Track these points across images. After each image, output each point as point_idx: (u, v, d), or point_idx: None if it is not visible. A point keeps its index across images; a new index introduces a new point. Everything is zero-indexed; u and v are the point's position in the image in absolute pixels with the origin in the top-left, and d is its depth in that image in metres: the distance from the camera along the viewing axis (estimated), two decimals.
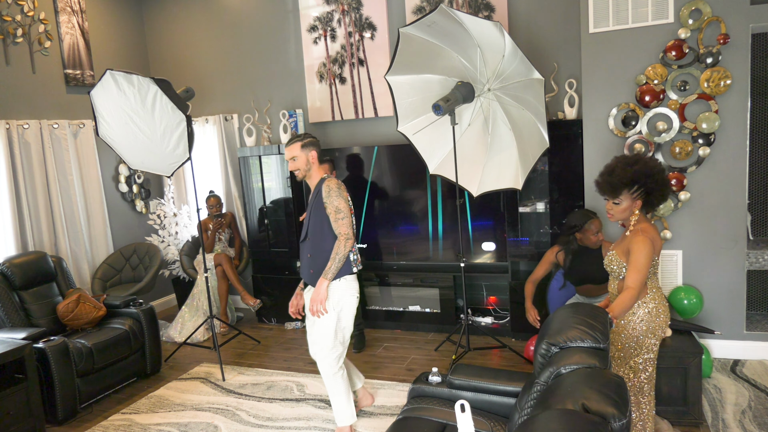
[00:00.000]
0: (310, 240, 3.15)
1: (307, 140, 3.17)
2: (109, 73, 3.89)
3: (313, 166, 3.17)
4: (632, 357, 2.64)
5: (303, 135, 3.18)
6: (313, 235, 3.14)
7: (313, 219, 3.13)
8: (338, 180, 3.16)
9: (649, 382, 2.66)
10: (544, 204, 4.52)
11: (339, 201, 3.05)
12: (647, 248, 2.47)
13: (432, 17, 3.58)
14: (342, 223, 3.04)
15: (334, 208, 3.04)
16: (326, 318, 3.09)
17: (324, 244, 3.09)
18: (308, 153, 3.15)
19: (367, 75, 5.22)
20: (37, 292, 4.22)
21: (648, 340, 2.60)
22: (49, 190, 5.04)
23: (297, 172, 3.18)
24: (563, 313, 2.27)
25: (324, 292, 3.02)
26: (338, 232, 3.04)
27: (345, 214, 3.05)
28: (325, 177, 3.17)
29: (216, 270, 5.40)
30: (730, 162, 3.78)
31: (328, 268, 3.02)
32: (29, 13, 4.90)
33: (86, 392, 3.88)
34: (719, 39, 3.64)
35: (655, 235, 2.56)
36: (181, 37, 6.01)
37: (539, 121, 3.79)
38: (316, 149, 3.18)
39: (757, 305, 4.30)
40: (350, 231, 3.05)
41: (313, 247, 3.14)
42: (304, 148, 3.15)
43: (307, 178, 3.21)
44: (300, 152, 3.15)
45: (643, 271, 2.46)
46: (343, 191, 3.10)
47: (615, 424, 1.52)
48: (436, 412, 2.56)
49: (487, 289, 5.08)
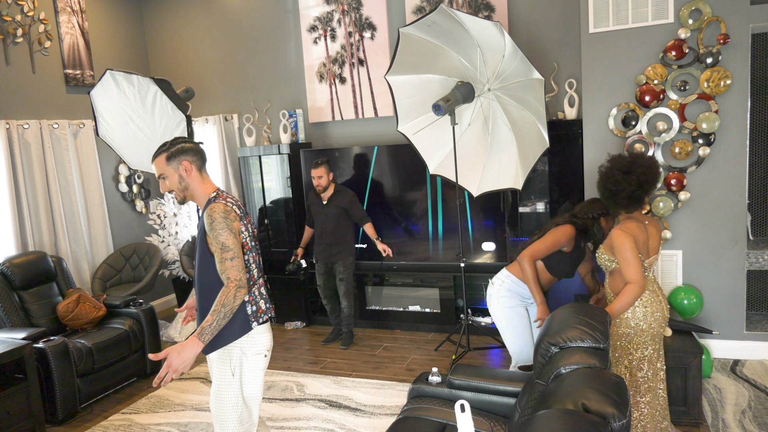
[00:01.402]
0: (197, 287, 2.33)
1: (175, 148, 2.29)
2: (109, 73, 3.89)
3: (191, 181, 2.30)
4: (626, 356, 2.65)
5: (171, 141, 2.33)
6: (200, 281, 2.30)
7: (199, 259, 2.30)
8: (227, 204, 2.25)
9: (647, 381, 2.66)
10: (544, 204, 4.52)
11: (225, 235, 2.17)
12: (626, 241, 2.54)
13: (432, 17, 3.58)
14: (230, 264, 2.16)
15: (219, 244, 2.17)
16: (226, 386, 2.30)
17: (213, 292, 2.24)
18: (179, 165, 2.28)
19: (367, 75, 5.22)
20: (37, 292, 4.22)
21: (638, 338, 2.62)
22: (49, 190, 5.04)
23: (173, 194, 2.34)
24: (563, 313, 2.27)
25: (190, 357, 2.11)
26: (225, 277, 2.17)
27: (235, 253, 2.17)
28: (212, 197, 2.29)
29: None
30: (730, 162, 3.78)
31: (206, 323, 2.12)
32: (29, 13, 4.90)
33: (86, 392, 3.88)
34: (719, 39, 3.64)
35: (637, 231, 2.59)
36: (181, 37, 6.01)
37: (539, 121, 3.79)
38: (189, 157, 2.30)
39: (757, 305, 4.30)
40: (242, 275, 2.17)
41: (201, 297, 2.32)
42: (172, 160, 2.28)
43: (191, 199, 2.34)
44: (168, 167, 2.29)
45: (632, 263, 2.53)
46: (232, 220, 2.21)
47: (615, 424, 1.52)
48: (436, 412, 2.56)
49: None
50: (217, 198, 2.28)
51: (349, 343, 4.75)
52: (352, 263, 4.72)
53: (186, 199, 2.36)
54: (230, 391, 2.30)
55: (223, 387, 2.31)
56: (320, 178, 4.52)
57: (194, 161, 2.32)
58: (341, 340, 4.79)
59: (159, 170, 2.33)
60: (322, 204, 4.64)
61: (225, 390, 2.31)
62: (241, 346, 2.29)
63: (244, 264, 2.25)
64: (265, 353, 2.35)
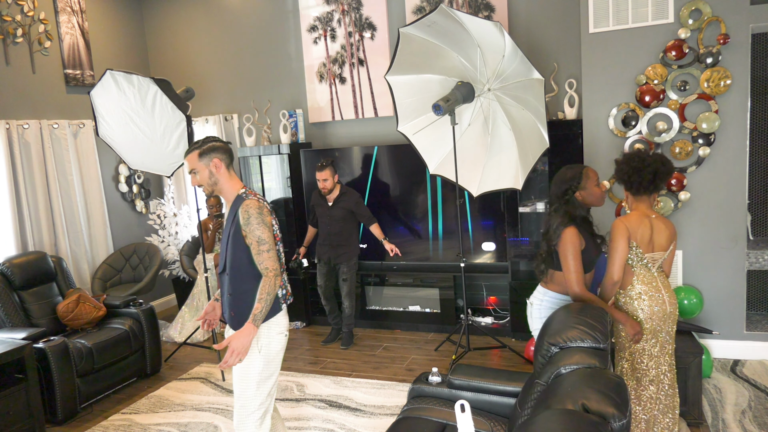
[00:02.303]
0: (228, 275, 2.53)
1: (207, 146, 2.52)
2: (109, 73, 3.89)
3: (220, 177, 2.52)
4: (627, 348, 2.66)
5: (203, 140, 2.55)
6: (232, 269, 2.51)
7: (232, 249, 2.49)
8: (259, 200, 2.49)
9: (648, 375, 2.66)
10: (544, 204, 4.52)
11: (261, 229, 2.42)
12: (617, 233, 2.59)
13: (432, 17, 3.58)
14: (267, 256, 2.42)
15: (255, 238, 2.42)
16: (251, 363, 2.49)
17: (245, 282, 2.49)
18: (210, 162, 2.51)
19: (367, 75, 5.22)
20: (37, 292, 4.22)
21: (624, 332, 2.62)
22: (49, 190, 5.04)
23: (202, 188, 2.55)
24: (563, 313, 2.27)
25: (249, 342, 2.39)
26: (264, 268, 2.43)
27: (270, 245, 2.44)
28: (242, 193, 2.51)
29: (216, 270, 5.40)
30: (730, 162, 3.78)
31: (257, 311, 2.39)
32: (29, 13, 4.90)
33: (86, 392, 3.88)
34: (719, 39, 3.64)
35: (637, 225, 2.60)
36: (181, 37, 6.01)
37: (539, 121, 3.79)
38: (219, 155, 2.52)
39: (757, 305, 4.30)
40: (277, 265, 2.45)
41: (232, 284, 2.52)
42: (203, 157, 2.51)
43: (219, 193, 2.56)
44: (199, 163, 2.51)
45: (613, 257, 2.58)
46: (265, 216, 2.46)
47: (615, 424, 1.52)
48: (436, 412, 2.57)
49: (487, 289, 5.08)
50: (248, 195, 2.49)
51: (350, 343, 4.75)
52: (355, 264, 4.73)
53: (214, 193, 2.56)
54: (255, 367, 2.48)
55: (249, 366, 2.48)
56: (325, 180, 4.50)
57: (223, 159, 2.53)
58: (341, 340, 4.79)
59: (191, 165, 2.53)
60: (327, 205, 4.63)
61: (250, 366, 2.48)
62: (268, 326, 2.49)
63: (277, 254, 2.49)
64: (286, 333, 2.57)
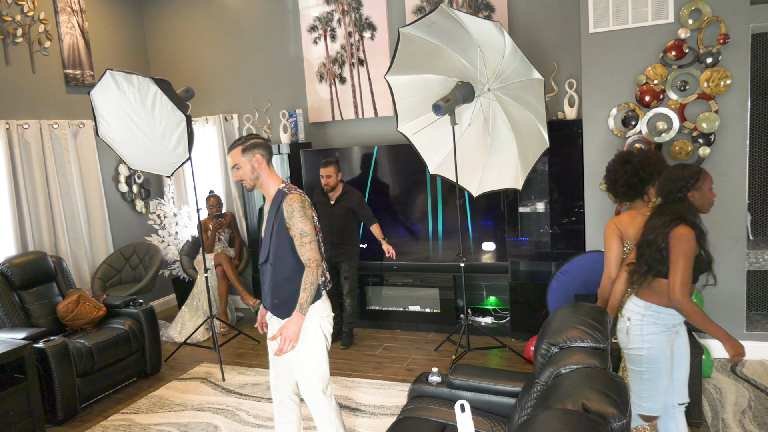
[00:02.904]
0: (271, 265, 2.67)
1: (249, 142, 2.65)
2: (109, 73, 3.89)
3: (261, 172, 2.66)
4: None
5: (245, 137, 2.69)
6: (275, 259, 2.65)
7: (276, 241, 2.63)
8: (301, 194, 2.64)
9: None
10: (544, 204, 4.52)
11: (304, 223, 2.56)
12: (609, 234, 2.65)
13: (432, 17, 3.58)
14: (309, 247, 2.58)
15: (299, 231, 2.56)
16: (312, 344, 2.67)
17: (287, 271, 2.64)
18: (252, 158, 2.63)
19: (367, 75, 5.22)
20: (37, 292, 4.21)
21: None
22: (49, 190, 5.04)
23: (244, 183, 2.69)
24: (563, 313, 2.27)
25: (298, 329, 2.56)
26: (306, 259, 2.58)
27: (312, 237, 2.59)
28: (283, 188, 2.65)
29: (216, 270, 5.40)
30: (730, 162, 3.78)
31: (303, 300, 2.55)
32: (29, 13, 4.90)
33: (86, 392, 3.88)
34: (719, 39, 3.64)
35: (628, 224, 2.63)
36: (181, 37, 6.01)
37: (539, 121, 3.79)
38: (261, 151, 2.65)
39: (757, 305, 4.30)
40: (318, 255, 2.61)
41: (274, 273, 2.66)
42: (246, 153, 2.63)
43: (259, 188, 2.70)
44: (242, 158, 2.63)
45: (607, 256, 2.63)
46: (307, 209, 2.61)
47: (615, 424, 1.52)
48: (436, 412, 2.57)
49: (487, 289, 5.08)
50: (290, 190, 2.63)
51: (350, 343, 4.75)
52: (356, 263, 4.73)
53: (255, 187, 2.69)
54: (318, 346, 2.66)
55: (310, 345, 2.64)
56: (329, 177, 4.51)
57: (264, 155, 2.66)
58: (341, 340, 4.79)
59: (234, 161, 2.65)
60: (329, 204, 4.63)
61: (312, 347, 2.64)
62: (318, 311, 2.66)
63: (318, 245, 2.64)
64: (332, 314, 2.75)
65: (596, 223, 4.13)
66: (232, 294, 5.83)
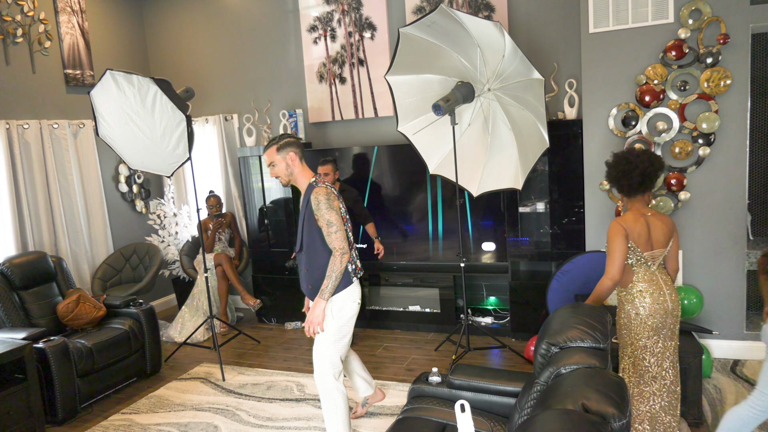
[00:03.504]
0: (305, 253, 2.94)
1: (283, 141, 2.90)
2: (109, 73, 3.89)
3: (294, 168, 2.90)
4: (629, 345, 2.67)
5: (279, 137, 2.93)
6: (307, 247, 2.92)
7: (307, 231, 2.90)
8: (327, 187, 2.86)
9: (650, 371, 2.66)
10: (544, 204, 4.52)
11: (329, 213, 2.78)
12: (615, 234, 2.59)
13: (432, 17, 3.58)
14: (335, 237, 2.78)
15: (325, 221, 2.79)
16: (327, 327, 2.91)
17: (318, 259, 2.88)
18: (286, 155, 2.89)
19: (367, 75, 5.22)
20: (37, 292, 4.22)
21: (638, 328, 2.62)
22: (49, 190, 5.04)
23: (279, 179, 2.94)
24: (563, 313, 2.27)
25: (321, 313, 2.82)
26: (332, 247, 2.79)
27: (338, 227, 2.78)
28: (312, 181, 2.90)
29: (216, 270, 5.40)
30: (730, 162, 3.78)
31: (325, 286, 2.78)
32: (29, 13, 4.90)
33: (86, 392, 3.88)
34: (719, 39, 3.64)
35: (633, 224, 2.61)
36: (181, 37, 6.01)
37: (539, 121, 3.79)
38: (294, 149, 2.90)
39: (757, 305, 4.29)
40: (345, 244, 2.79)
41: (308, 260, 2.93)
42: (281, 151, 2.89)
43: (294, 183, 2.96)
44: (277, 156, 2.89)
45: (613, 256, 2.58)
46: (333, 201, 2.81)
47: (615, 424, 1.52)
48: (436, 412, 2.57)
49: (487, 289, 5.08)
50: (317, 183, 2.86)
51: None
52: None
53: (290, 183, 2.95)
54: (330, 330, 2.90)
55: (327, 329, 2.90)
56: (326, 175, 4.52)
57: (297, 152, 2.91)
58: None
59: (270, 159, 2.91)
60: None
61: (327, 329, 2.90)
62: (343, 297, 2.89)
63: (345, 234, 2.83)
64: (358, 301, 2.96)
65: (596, 223, 4.13)
66: (232, 294, 5.83)
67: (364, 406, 3.52)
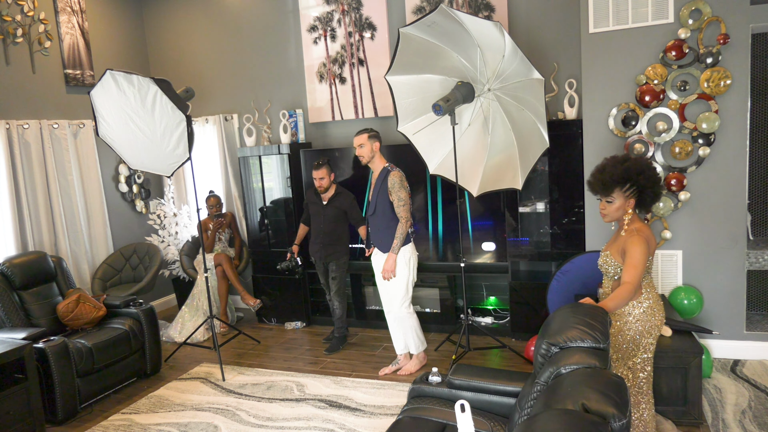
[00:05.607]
0: (377, 216, 3.94)
1: (373, 133, 3.95)
2: (109, 73, 3.89)
3: (376, 154, 3.96)
4: (630, 357, 2.64)
5: (369, 129, 3.96)
6: (378, 213, 3.94)
7: (381, 202, 3.91)
8: (401, 172, 3.91)
9: (648, 381, 2.66)
10: (544, 204, 4.52)
11: (401, 192, 3.86)
12: (643, 246, 2.49)
13: (432, 17, 3.57)
14: (403, 209, 3.86)
15: (397, 197, 3.84)
16: (400, 274, 3.92)
17: (384, 222, 3.92)
18: (373, 144, 3.93)
19: (367, 75, 5.22)
20: (37, 292, 4.22)
21: (645, 340, 2.60)
22: (49, 190, 5.04)
23: (362, 158, 3.93)
24: (563, 313, 2.27)
25: (393, 263, 3.88)
26: (400, 216, 3.86)
27: (405, 202, 3.86)
28: (387, 167, 3.93)
29: (216, 270, 5.40)
30: (730, 162, 3.78)
31: (395, 245, 3.86)
32: (29, 13, 4.90)
33: (86, 392, 3.88)
34: (719, 39, 3.64)
35: (650, 235, 2.57)
36: (181, 37, 6.01)
37: (539, 121, 3.79)
38: (379, 142, 3.98)
39: (757, 305, 4.30)
40: (408, 214, 3.89)
41: (377, 223, 3.97)
42: (370, 139, 3.93)
43: (370, 164, 3.98)
44: (367, 142, 3.92)
45: (639, 268, 2.48)
46: (404, 183, 3.89)
47: (615, 424, 1.52)
48: (436, 412, 2.56)
49: (487, 289, 5.08)
50: (393, 168, 3.94)
51: (335, 350, 4.66)
52: (345, 263, 4.71)
53: (368, 163, 3.98)
54: (407, 275, 3.99)
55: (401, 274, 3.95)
56: (321, 179, 4.53)
57: (379, 143, 4.00)
58: (329, 345, 4.73)
59: (360, 142, 3.94)
60: (321, 204, 4.64)
61: (401, 275, 3.95)
62: (408, 249, 3.98)
63: (410, 207, 3.93)
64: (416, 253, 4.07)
65: (596, 223, 4.13)
66: (232, 294, 5.83)
67: (394, 365, 4.19)
